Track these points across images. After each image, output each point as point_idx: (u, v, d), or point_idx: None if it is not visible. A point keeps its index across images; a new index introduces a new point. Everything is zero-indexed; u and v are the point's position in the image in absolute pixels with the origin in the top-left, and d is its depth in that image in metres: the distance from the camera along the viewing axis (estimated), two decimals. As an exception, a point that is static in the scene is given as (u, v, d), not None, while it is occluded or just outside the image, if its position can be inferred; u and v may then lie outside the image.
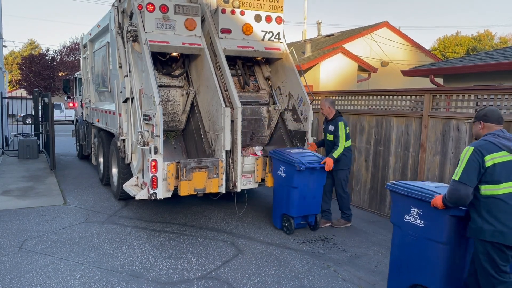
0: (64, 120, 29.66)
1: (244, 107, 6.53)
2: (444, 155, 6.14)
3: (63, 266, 4.83)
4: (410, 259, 3.87)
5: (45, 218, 6.58)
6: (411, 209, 3.83)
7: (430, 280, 3.68)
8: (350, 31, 20.08)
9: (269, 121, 7.28)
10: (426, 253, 3.70)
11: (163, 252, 5.30)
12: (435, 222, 3.61)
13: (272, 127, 7.37)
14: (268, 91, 7.49)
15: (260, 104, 7.33)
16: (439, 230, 3.58)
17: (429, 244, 3.66)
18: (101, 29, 8.13)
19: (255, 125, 7.23)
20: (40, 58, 38.20)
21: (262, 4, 6.89)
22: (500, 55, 10.77)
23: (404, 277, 3.93)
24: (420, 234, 3.74)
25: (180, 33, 6.32)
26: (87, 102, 10.27)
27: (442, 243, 3.57)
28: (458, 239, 3.57)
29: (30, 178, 9.48)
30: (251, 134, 7.21)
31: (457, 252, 3.61)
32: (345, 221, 6.48)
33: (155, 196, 5.59)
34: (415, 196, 3.75)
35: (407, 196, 3.84)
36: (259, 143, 7.43)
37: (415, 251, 3.80)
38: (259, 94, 7.41)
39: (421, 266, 3.75)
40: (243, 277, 4.67)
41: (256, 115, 7.20)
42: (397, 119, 6.91)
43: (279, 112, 7.26)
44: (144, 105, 6.01)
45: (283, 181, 5.98)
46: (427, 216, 3.67)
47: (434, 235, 3.62)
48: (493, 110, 3.47)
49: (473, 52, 38.57)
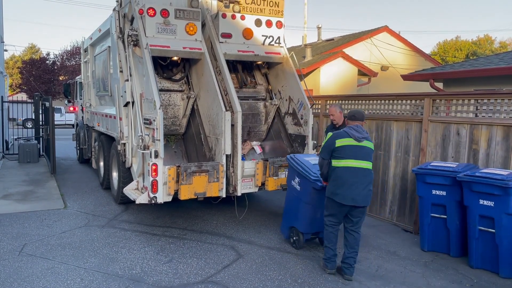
0: (64, 124, 29.68)
1: (242, 102, 6.54)
2: (444, 159, 6.14)
3: (63, 270, 4.83)
4: (291, 210, 5.73)
5: (45, 222, 6.58)
6: (295, 177, 5.58)
7: (299, 225, 5.57)
8: (350, 35, 20.12)
9: (266, 116, 7.33)
10: (298, 208, 5.54)
11: (163, 256, 5.30)
12: (304, 189, 5.40)
13: (269, 122, 7.40)
14: (265, 86, 7.53)
15: (257, 99, 7.38)
16: (307, 194, 5.37)
17: (301, 202, 5.49)
18: (102, 33, 8.16)
19: (252, 120, 7.27)
20: (40, 62, 38.25)
21: (263, 8, 6.92)
22: (500, 59, 10.80)
23: (287, 221, 5.84)
24: (297, 195, 5.56)
25: (181, 38, 6.35)
26: (87, 106, 10.29)
27: (307, 203, 5.39)
28: (317, 202, 5.28)
29: (31, 182, 9.48)
30: (248, 129, 7.24)
31: (316, 209, 5.37)
32: None
33: (156, 200, 5.58)
34: (297, 169, 5.49)
35: (293, 168, 5.59)
36: (256, 138, 7.47)
37: (294, 205, 5.65)
38: (256, 90, 7.46)
39: (296, 216, 5.60)
40: (243, 281, 4.66)
41: (253, 110, 7.24)
42: (397, 123, 6.92)
43: (276, 107, 7.30)
44: (145, 109, 6.02)
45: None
46: (302, 184, 5.46)
47: (304, 197, 5.42)
48: (358, 111, 4.98)
49: (473, 57, 38.65)
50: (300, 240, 5.63)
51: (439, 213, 5.55)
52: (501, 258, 4.85)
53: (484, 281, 4.81)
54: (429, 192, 5.58)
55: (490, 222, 4.91)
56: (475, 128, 5.77)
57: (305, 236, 5.63)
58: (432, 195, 5.56)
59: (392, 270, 5.06)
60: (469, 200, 5.07)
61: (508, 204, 4.72)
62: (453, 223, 5.43)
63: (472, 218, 5.06)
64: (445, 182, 5.40)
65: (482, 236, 5.01)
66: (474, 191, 4.98)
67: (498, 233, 4.84)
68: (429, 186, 5.57)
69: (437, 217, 5.57)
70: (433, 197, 5.56)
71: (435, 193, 5.54)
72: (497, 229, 4.83)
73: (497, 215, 4.81)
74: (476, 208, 5.00)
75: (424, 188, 5.64)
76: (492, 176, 4.86)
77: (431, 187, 5.55)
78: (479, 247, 5.06)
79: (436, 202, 5.55)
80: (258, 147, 7.42)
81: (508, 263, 4.82)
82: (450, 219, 5.44)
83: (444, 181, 5.41)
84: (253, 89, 7.44)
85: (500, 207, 4.78)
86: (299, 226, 5.60)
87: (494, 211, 4.83)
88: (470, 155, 5.84)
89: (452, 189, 5.36)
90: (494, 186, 4.77)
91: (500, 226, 4.80)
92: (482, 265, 5.08)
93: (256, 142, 7.41)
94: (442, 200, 5.49)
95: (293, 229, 5.74)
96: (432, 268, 5.15)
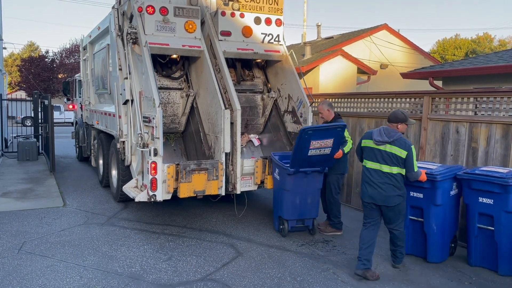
0: (63, 122, 29.61)
1: (239, 95, 6.54)
2: (443, 158, 6.14)
3: (62, 268, 4.83)
4: (277, 201, 6.11)
5: (45, 220, 6.58)
6: (275, 169, 6.04)
7: (283, 212, 5.95)
8: (349, 33, 20.12)
9: (264, 109, 7.33)
10: (281, 196, 5.93)
11: (162, 254, 5.30)
12: (283, 178, 5.83)
13: (267, 115, 7.41)
14: (263, 79, 7.53)
15: (254, 92, 7.38)
16: (285, 182, 5.79)
17: (281, 191, 5.91)
18: (101, 31, 8.14)
19: (250, 112, 7.27)
20: (39, 60, 38.18)
21: (262, 6, 6.90)
22: (499, 57, 10.80)
23: (276, 213, 6.22)
24: (278, 185, 5.99)
25: (180, 36, 6.34)
26: (86, 104, 10.28)
27: (287, 190, 5.79)
28: (296, 188, 5.78)
29: (30, 180, 9.47)
30: (246, 122, 7.24)
31: (295, 195, 5.84)
32: (333, 229, 6.25)
33: (155, 198, 5.58)
34: (276, 162, 5.97)
35: (274, 162, 6.06)
36: (254, 131, 7.48)
37: (278, 196, 6.03)
38: (254, 82, 7.46)
39: (280, 205, 5.99)
40: (243, 279, 4.67)
41: (251, 103, 7.24)
42: (397, 121, 6.90)
43: (273, 100, 7.31)
44: (144, 107, 6.02)
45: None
46: (281, 175, 5.89)
47: (284, 185, 5.83)
48: (393, 112, 4.88)
49: (472, 55, 38.65)
50: (285, 227, 6.00)
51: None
52: (500, 256, 4.86)
53: (483, 278, 4.83)
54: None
55: (489, 220, 4.90)
56: (474, 126, 5.77)
57: (289, 223, 5.99)
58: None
59: (392, 268, 5.06)
60: (468, 198, 5.07)
61: (508, 202, 4.72)
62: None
63: (472, 216, 5.06)
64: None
65: (481, 234, 5.01)
66: (473, 189, 4.98)
67: (497, 231, 4.84)
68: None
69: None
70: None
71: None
72: (496, 227, 4.84)
73: (496, 213, 4.81)
74: (476, 206, 4.99)
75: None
76: (492, 174, 4.86)
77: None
78: (478, 245, 5.06)
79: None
80: (256, 139, 7.43)
81: (507, 261, 4.83)
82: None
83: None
84: (251, 82, 7.44)
85: (500, 205, 4.77)
86: (283, 214, 5.98)
87: (494, 209, 4.83)
88: (469, 153, 5.84)
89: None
90: (494, 184, 4.77)
91: (499, 224, 4.81)
92: (481, 263, 5.09)
93: (253, 135, 7.42)
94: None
95: (280, 219, 6.10)
96: (432, 266, 5.16)
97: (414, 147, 4.73)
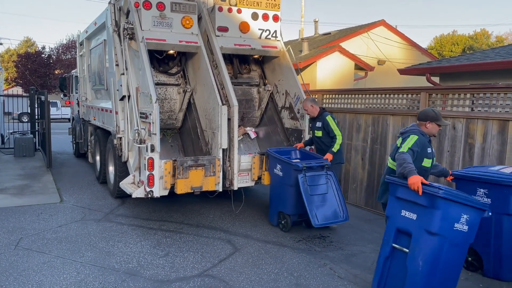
0: (60, 118, 29.55)
1: (235, 88, 6.55)
2: (440, 153, 6.16)
3: (59, 264, 4.83)
4: (277, 196, 6.13)
5: (42, 216, 6.57)
6: (276, 165, 6.05)
7: (286, 207, 5.96)
8: (347, 29, 20.09)
9: (260, 102, 7.34)
10: (283, 192, 5.94)
11: (159, 250, 5.31)
12: (287, 174, 5.82)
13: (263, 108, 7.43)
14: (259, 72, 7.52)
15: (250, 85, 7.39)
16: (290, 178, 5.75)
17: (285, 186, 5.90)
18: (98, 26, 8.10)
19: (246, 105, 7.28)
20: (36, 56, 37.94)
21: (259, 2, 6.89)
22: (496, 54, 10.81)
23: (274, 208, 6.21)
24: (281, 180, 5.96)
25: (177, 31, 6.32)
26: (83, 100, 10.25)
27: (291, 185, 5.74)
28: (297, 183, 5.58)
29: (26, 176, 9.45)
30: (242, 115, 7.24)
31: (298, 191, 5.59)
32: None
33: (152, 194, 5.59)
34: (278, 158, 5.98)
35: (274, 157, 6.08)
36: (250, 124, 7.49)
37: (279, 191, 6.06)
38: (250, 75, 7.47)
39: (282, 200, 6.01)
40: (240, 275, 4.68)
41: (247, 96, 7.25)
42: (394, 117, 6.93)
43: (269, 93, 7.32)
44: (141, 103, 6.00)
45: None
46: (284, 170, 5.90)
47: (287, 181, 5.80)
48: (423, 110, 4.60)
49: (470, 51, 38.68)
50: (288, 222, 5.98)
51: None
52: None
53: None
54: None
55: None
56: (471, 122, 5.79)
57: (292, 218, 5.97)
58: None
59: None
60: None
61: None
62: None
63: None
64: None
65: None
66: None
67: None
68: None
69: None
70: None
71: None
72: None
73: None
74: None
75: None
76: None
77: None
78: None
79: None
80: (252, 132, 7.45)
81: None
82: None
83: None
84: (247, 74, 7.44)
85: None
86: (285, 209, 5.98)
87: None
88: (465, 149, 5.86)
89: None
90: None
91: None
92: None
93: (250, 128, 7.42)
94: None
95: (280, 214, 6.10)
96: None
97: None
